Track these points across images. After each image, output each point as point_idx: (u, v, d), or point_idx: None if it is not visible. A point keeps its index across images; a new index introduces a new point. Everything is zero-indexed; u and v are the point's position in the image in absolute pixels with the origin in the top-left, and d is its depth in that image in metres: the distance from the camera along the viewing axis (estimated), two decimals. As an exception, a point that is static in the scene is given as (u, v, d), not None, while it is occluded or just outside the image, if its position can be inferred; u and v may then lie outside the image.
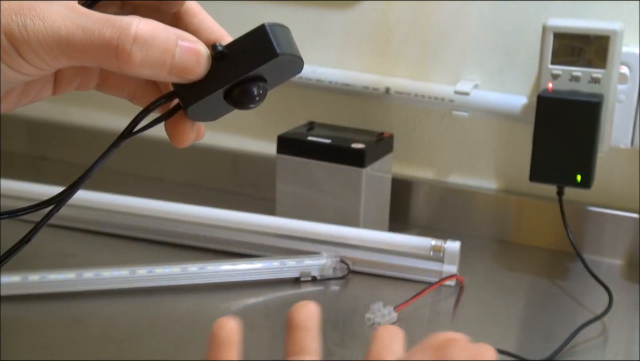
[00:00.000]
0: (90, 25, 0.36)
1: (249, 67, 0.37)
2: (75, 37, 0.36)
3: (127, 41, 0.36)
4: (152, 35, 0.36)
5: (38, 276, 0.79)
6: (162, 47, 0.37)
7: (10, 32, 0.36)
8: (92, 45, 0.36)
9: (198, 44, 0.38)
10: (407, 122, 1.04)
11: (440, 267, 0.85)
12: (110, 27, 0.36)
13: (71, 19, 0.36)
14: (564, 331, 0.75)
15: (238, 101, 0.38)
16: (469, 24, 0.98)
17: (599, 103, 0.84)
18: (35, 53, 0.36)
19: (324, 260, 0.85)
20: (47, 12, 0.36)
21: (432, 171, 1.05)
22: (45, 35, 0.36)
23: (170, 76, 0.37)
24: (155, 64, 0.36)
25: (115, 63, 0.36)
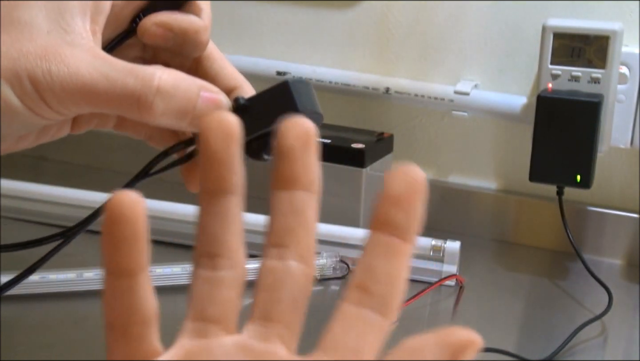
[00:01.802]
0: (114, 74, 0.36)
1: (270, 122, 0.37)
2: (99, 85, 0.36)
3: (150, 92, 0.36)
4: (174, 86, 0.36)
5: (38, 276, 0.79)
6: (184, 98, 0.36)
7: (34, 77, 0.36)
8: (114, 94, 0.36)
9: (220, 95, 0.38)
10: (407, 122, 1.04)
11: (440, 267, 0.85)
12: (133, 77, 0.36)
13: (95, 67, 0.36)
14: (563, 331, 0.75)
15: (256, 154, 0.38)
16: (469, 24, 0.98)
17: (598, 103, 0.84)
18: (58, 99, 0.36)
19: (324, 260, 0.85)
20: (72, 58, 0.36)
21: (432, 171, 1.05)
22: (69, 82, 0.36)
23: (191, 126, 0.37)
24: (176, 115, 0.36)
25: (137, 113, 0.36)
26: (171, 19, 0.41)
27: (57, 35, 0.37)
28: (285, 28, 1.08)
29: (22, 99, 0.36)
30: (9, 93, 0.36)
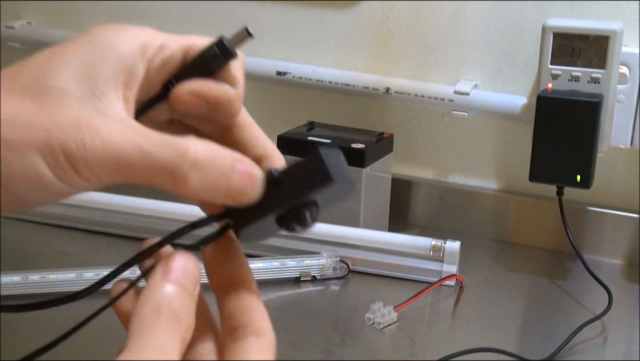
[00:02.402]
0: (149, 147, 0.35)
1: (303, 193, 0.36)
2: (134, 158, 0.35)
3: (185, 166, 0.35)
4: (209, 159, 0.35)
5: (38, 276, 0.79)
6: (219, 171, 0.36)
7: (68, 149, 0.35)
8: (150, 167, 0.35)
9: (254, 167, 0.37)
10: (407, 122, 1.04)
11: (440, 267, 0.85)
12: (169, 150, 0.35)
13: (129, 138, 0.35)
14: (563, 331, 0.75)
15: (290, 226, 0.37)
16: (469, 24, 0.98)
17: (598, 103, 0.84)
18: (92, 170, 0.35)
19: (324, 260, 0.85)
20: (105, 129, 0.35)
21: (432, 171, 1.05)
22: (104, 155, 0.35)
23: (225, 199, 0.36)
24: (211, 189, 0.36)
25: (172, 186, 0.35)
26: (204, 88, 0.40)
27: (89, 103, 0.36)
28: (285, 28, 1.08)
29: (54, 171, 0.35)
30: (41, 165, 0.35)
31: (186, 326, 0.35)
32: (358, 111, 1.06)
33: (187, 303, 0.35)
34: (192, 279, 0.36)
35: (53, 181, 0.35)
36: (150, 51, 0.39)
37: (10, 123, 0.35)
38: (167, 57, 0.40)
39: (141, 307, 0.35)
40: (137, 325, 0.34)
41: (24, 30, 1.21)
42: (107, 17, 1.18)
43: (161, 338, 0.33)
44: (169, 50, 0.40)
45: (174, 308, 0.35)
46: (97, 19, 1.19)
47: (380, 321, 0.76)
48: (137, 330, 0.34)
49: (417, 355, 0.72)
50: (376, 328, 0.76)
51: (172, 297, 0.35)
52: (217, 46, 0.40)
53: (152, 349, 0.33)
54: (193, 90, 0.40)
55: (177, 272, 0.36)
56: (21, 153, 0.34)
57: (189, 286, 0.36)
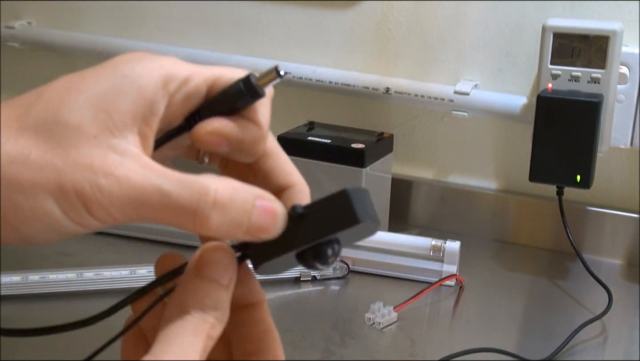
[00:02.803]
0: (168, 187, 0.34)
1: (328, 232, 0.36)
2: (152, 199, 0.34)
3: (206, 207, 0.34)
4: (230, 199, 0.34)
5: (38, 276, 0.79)
6: (240, 210, 0.34)
7: (81, 191, 0.33)
8: (169, 208, 0.34)
9: (275, 203, 0.36)
10: (407, 122, 1.04)
11: (440, 267, 0.85)
12: (188, 190, 0.34)
13: (147, 178, 0.34)
14: (563, 331, 0.75)
15: (311, 263, 0.36)
16: (468, 24, 0.98)
17: (598, 103, 0.84)
18: (107, 212, 0.34)
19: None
20: (121, 169, 0.34)
21: (432, 171, 1.05)
22: (120, 196, 0.34)
23: (245, 236, 0.35)
24: (232, 228, 0.34)
25: (192, 227, 0.34)
26: (227, 128, 0.38)
27: (104, 140, 0.34)
28: (285, 28, 1.08)
29: (66, 212, 0.34)
30: (52, 207, 0.33)
31: (213, 322, 0.34)
32: (358, 111, 1.06)
33: (217, 297, 0.35)
34: (225, 272, 0.36)
35: (64, 222, 0.34)
36: (173, 85, 0.37)
37: (21, 163, 0.33)
38: (191, 91, 0.38)
39: (170, 305, 0.35)
40: (165, 324, 0.34)
41: (24, 30, 1.21)
42: (107, 17, 1.18)
43: (185, 341, 0.33)
44: (193, 84, 0.38)
45: (203, 305, 0.34)
46: (97, 19, 1.19)
47: (380, 321, 0.76)
48: (163, 330, 0.34)
49: (417, 355, 0.72)
50: (376, 328, 0.76)
51: (202, 293, 0.35)
52: (244, 84, 0.38)
53: (174, 355, 0.33)
54: (215, 129, 0.38)
55: (209, 266, 0.35)
56: (32, 195, 0.33)
57: (220, 279, 0.35)
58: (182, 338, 0.33)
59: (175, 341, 0.33)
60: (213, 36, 1.12)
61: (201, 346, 0.33)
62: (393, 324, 0.76)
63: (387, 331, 0.75)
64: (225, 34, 1.11)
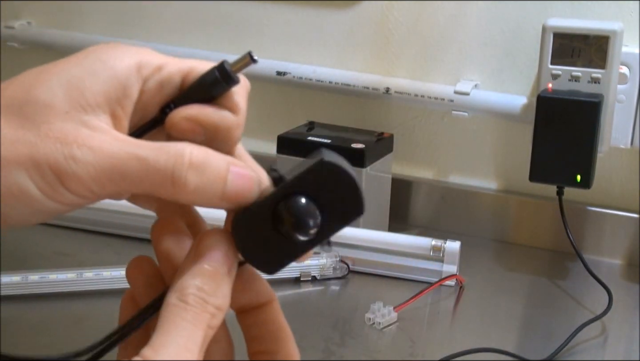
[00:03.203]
0: (144, 153, 0.34)
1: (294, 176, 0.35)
2: (129, 166, 0.34)
3: (183, 169, 0.34)
4: (205, 161, 0.35)
5: (38, 276, 0.79)
6: (216, 172, 0.35)
7: (55, 162, 0.33)
8: (147, 173, 0.34)
9: (248, 169, 0.36)
10: (407, 122, 1.04)
11: (440, 267, 0.85)
12: (164, 155, 0.34)
13: (122, 147, 0.34)
14: (563, 331, 0.75)
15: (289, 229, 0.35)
16: (469, 24, 0.98)
17: (598, 103, 0.84)
18: (83, 184, 0.33)
19: (324, 260, 0.85)
20: (95, 140, 0.34)
21: (432, 171, 1.05)
22: (96, 166, 0.33)
23: (223, 201, 0.35)
24: (208, 191, 0.35)
25: (171, 191, 0.34)
26: (202, 114, 0.38)
27: (75, 115, 0.34)
28: (285, 28, 1.08)
29: (41, 188, 0.33)
30: (26, 182, 0.33)
31: (214, 311, 0.34)
32: (358, 111, 1.06)
33: (217, 285, 0.34)
34: (225, 259, 0.35)
35: (40, 199, 0.34)
36: (147, 70, 0.37)
37: None
38: (165, 79, 0.38)
39: (170, 295, 0.34)
40: (164, 314, 0.33)
41: (24, 30, 1.21)
42: (107, 17, 1.18)
43: (185, 332, 0.33)
44: (166, 71, 0.38)
45: (202, 293, 0.34)
46: (97, 19, 1.19)
47: (380, 321, 0.76)
48: (163, 320, 0.33)
49: (417, 355, 0.72)
50: (376, 328, 0.76)
51: (201, 281, 0.34)
52: (219, 71, 0.38)
53: (173, 346, 0.32)
54: (190, 115, 0.38)
55: (208, 253, 0.35)
56: (6, 170, 0.33)
57: (221, 266, 0.35)
58: (182, 329, 0.33)
59: (174, 333, 0.33)
60: (213, 36, 1.12)
61: (201, 337, 0.33)
62: (393, 324, 0.76)
63: (387, 331, 0.75)
64: (225, 34, 1.11)
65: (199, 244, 0.35)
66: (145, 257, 0.39)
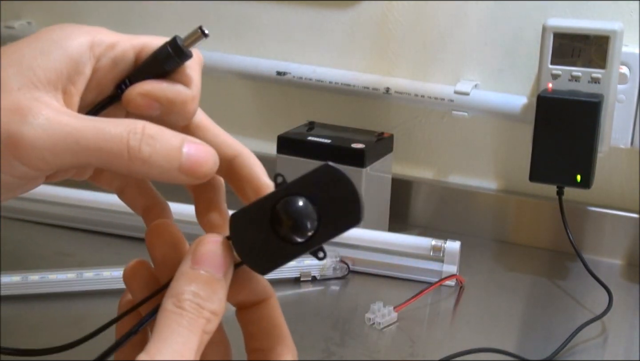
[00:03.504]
0: (99, 123, 0.35)
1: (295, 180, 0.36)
2: (85, 134, 0.34)
3: (137, 137, 0.34)
4: (159, 132, 0.35)
5: (38, 276, 0.79)
6: (170, 143, 0.35)
7: (8, 131, 0.33)
8: (103, 142, 0.34)
9: (202, 142, 0.36)
10: (407, 122, 1.04)
11: (440, 267, 0.85)
12: (119, 125, 0.35)
13: (77, 117, 0.35)
14: (563, 331, 0.75)
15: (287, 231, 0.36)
16: (469, 24, 0.98)
17: (598, 103, 0.84)
18: (37, 153, 0.34)
19: (324, 260, 0.85)
20: (49, 112, 0.34)
21: (432, 171, 1.05)
22: (52, 134, 0.34)
23: (181, 173, 0.35)
24: (164, 160, 0.35)
25: (126, 161, 0.34)
26: (157, 89, 0.39)
27: (27, 92, 0.35)
28: (285, 28, 1.08)
29: None
30: None
31: (209, 316, 0.34)
32: (358, 111, 1.06)
33: (213, 291, 0.35)
34: (221, 265, 0.35)
35: None
36: (99, 48, 0.38)
37: None
38: (118, 56, 0.39)
39: (165, 300, 0.34)
40: (160, 320, 0.34)
41: (24, 30, 1.21)
42: (107, 17, 1.18)
43: (180, 338, 0.33)
44: (119, 49, 0.39)
45: (198, 299, 0.34)
46: (97, 19, 1.19)
47: (380, 321, 0.76)
48: (159, 326, 0.33)
49: (417, 355, 0.72)
50: (376, 328, 0.76)
51: (197, 287, 0.34)
52: (171, 46, 0.39)
53: (169, 352, 0.32)
54: (145, 91, 0.39)
55: (203, 259, 0.35)
56: None
57: (216, 272, 0.35)
58: (178, 335, 0.33)
59: (170, 339, 0.33)
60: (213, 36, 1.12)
61: (197, 343, 0.33)
62: (393, 324, 0.76)
63: (387, 331, 0.75)
64: (225, 34, 1.11)
65: (195, 249, 0.36)
66: (141, 261, 0.40)
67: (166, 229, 0.40)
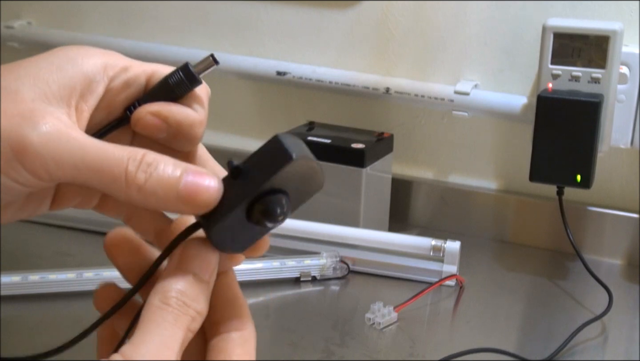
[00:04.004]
0: (103, 145, 0.35)
1: (266, 177, 0.36)
2: (89, 152, 0.35)
3: (135, 163, 0.35)
4: (158, 159, 0.35)
5: (38, 276, 0.79)
6: (167, 171, 0.35)
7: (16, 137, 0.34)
8: (104, 163, 0.35)
9: (206, 172, 0.36)
10: (407, 122, 1.04)
11: (440, 267, 0.85)
12: (121, 150, 0.35)
13: (84, 136, 0.36)
14: (564, 331, 0.75)
15: (260, 219, 0.36)
16: (469, 24, 0.98)
17: (598, 103, 0.84)
18: (42, 162, 0.34)
19: (324, 260, 0.85)
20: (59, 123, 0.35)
21: (432, 171, 1.05)
22: (58, 145, 0.34)
23: (178, 202, 0.35)
24: (160, 189, 0.35)
25: (123, 186, 0.35)
26: (166, 110, 0.40)
27: (40, 104, 0.35)
28: (285, 28, 1.08)
29: None
30: None
31: (194, 315, 0.35)
32: (358, 111, 1.06)
33: (199, 292, 0.36)
34: (207, 268, 0.36)
35: None
36: (113, 70, 0.39)
37: None
38: (130, 79, 0.40)
39: (152, 297, 0.35)
40: (145, 315, 0.34)
41: (24, 30, 1.21)
42: (107, 17, 1.18)
43: (166, 331, 0.34)
44: (132, 72, 0.40)
45: (184, 297, 0.35)
46: (97, 19, 1.19)
47: (380, 321, 0.76)
48: (144, 320, 0.34)
49: (417, 355, 0.72)
50: (376, 328, 0.76)
51: (183, 286, 0.35)
52: (182, 72, 0.40)
53: (154, 343, 0.33)
54: (154, 111, 0.39)
55: (190, 260, 0.36)
56: None
57: (202, 274, 0.36)
58: (163, 328, 0.34)
59: (155, 332, 0.34)
60: (213, 36, 1.12)
61: (181, 338, 0.34)
62: (393, 324, 0.76)
63: (387, 331, 0.75)
64: (225, 34, 1.11)
65: (182, 252, 0.36)
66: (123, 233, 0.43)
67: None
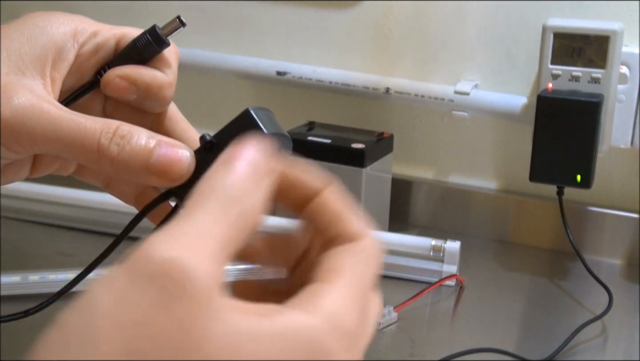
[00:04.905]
0: (78, 117, 0.36)
1: None
2: (63, 123, 0.35)
3: (107, 136, 0.35)
4: (131, 131, 0.36)
5: (38, 276, 0.79)
6: (139, 143, 0.36)
7: None
8: (77, 135, 0.35)
9: (179, 144, 0.36)
10: (407, 122, 1.04)
11: (440, 267, 0.85)
12: (94, 121, 0.36)
13: (59, 108, 0.36)
14: (564, 331, 0.75)
15: None
16: (469, 24, 0.98)
17: (598, 103, 0.84)
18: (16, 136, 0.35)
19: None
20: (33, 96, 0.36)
21: (432, 171, 1.05)
22: (32, 117, 0.35)
23: (150, 174, 0.36)
24: (131, 160, 0.35)
25: (96, 157, 0.35)
26: (135, 73, 0.40)
27: (14, 77, 0.36)
28: (285, 28, 1.08)
29: None
30: None
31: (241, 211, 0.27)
32: (358, 111, 1.06)
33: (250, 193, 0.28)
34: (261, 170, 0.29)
35: None
36: (82, 36, 0.40)
37: None
38: (100, 44, 0.41)
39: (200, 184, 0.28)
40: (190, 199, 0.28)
41: (24, 30, 1.21)
42: (107, 17, 1.18)
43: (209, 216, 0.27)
44: (101, 37, 0.41)
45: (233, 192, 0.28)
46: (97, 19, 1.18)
47: (380, 321, 0.76)
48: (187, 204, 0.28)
49: (417, 355, 0.72)
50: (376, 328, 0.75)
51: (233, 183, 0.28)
52: (150, 34, 0.41)
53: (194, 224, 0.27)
54: (124, 74, 0.40)
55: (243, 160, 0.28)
56: None
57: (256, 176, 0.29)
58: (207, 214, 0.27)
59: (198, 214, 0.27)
60: (213, 36, 1.12)
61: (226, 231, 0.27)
62: (393, 324, 0.76)
63: (387, 331, 0.75)
64: (225, 34, 1.11)
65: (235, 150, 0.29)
66: None
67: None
